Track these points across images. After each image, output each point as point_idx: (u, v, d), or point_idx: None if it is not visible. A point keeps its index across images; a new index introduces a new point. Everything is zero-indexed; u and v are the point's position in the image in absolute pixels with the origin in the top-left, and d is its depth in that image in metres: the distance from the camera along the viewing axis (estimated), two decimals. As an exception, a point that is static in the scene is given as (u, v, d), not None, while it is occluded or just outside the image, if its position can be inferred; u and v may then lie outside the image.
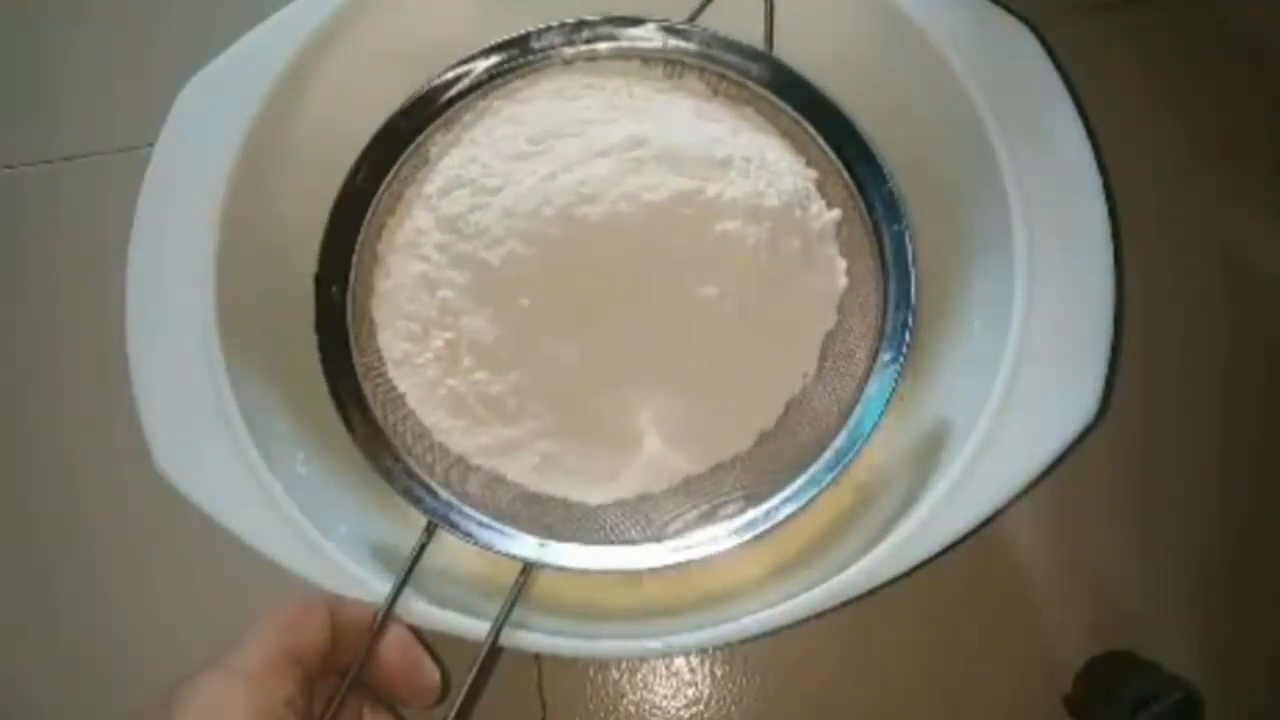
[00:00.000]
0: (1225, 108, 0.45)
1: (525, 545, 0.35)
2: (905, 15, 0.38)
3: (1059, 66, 0.38)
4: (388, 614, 0.34)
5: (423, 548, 0.35)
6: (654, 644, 0.35)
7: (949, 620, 0.41)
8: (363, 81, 0.40)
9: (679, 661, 0.41)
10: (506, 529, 0.36)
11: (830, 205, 0.38)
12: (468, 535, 0.35)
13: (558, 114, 0.38)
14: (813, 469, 0.36)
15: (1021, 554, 0.41)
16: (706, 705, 0.41)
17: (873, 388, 0.36)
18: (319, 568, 0.35)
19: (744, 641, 0.35)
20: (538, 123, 0.38)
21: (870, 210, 0.38)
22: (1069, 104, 0.37)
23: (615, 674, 0.41)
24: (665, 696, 0.41)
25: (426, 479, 0.36)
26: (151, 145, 0.38)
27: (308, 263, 0.37)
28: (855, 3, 0.39)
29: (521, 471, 0.37)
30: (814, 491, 0.35)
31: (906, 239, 0.37)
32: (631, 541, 0.36)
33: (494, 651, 0.34)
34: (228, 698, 0.30)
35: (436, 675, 0.34)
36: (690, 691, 0.41)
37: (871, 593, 0.35)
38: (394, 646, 0.34)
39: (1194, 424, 0.42)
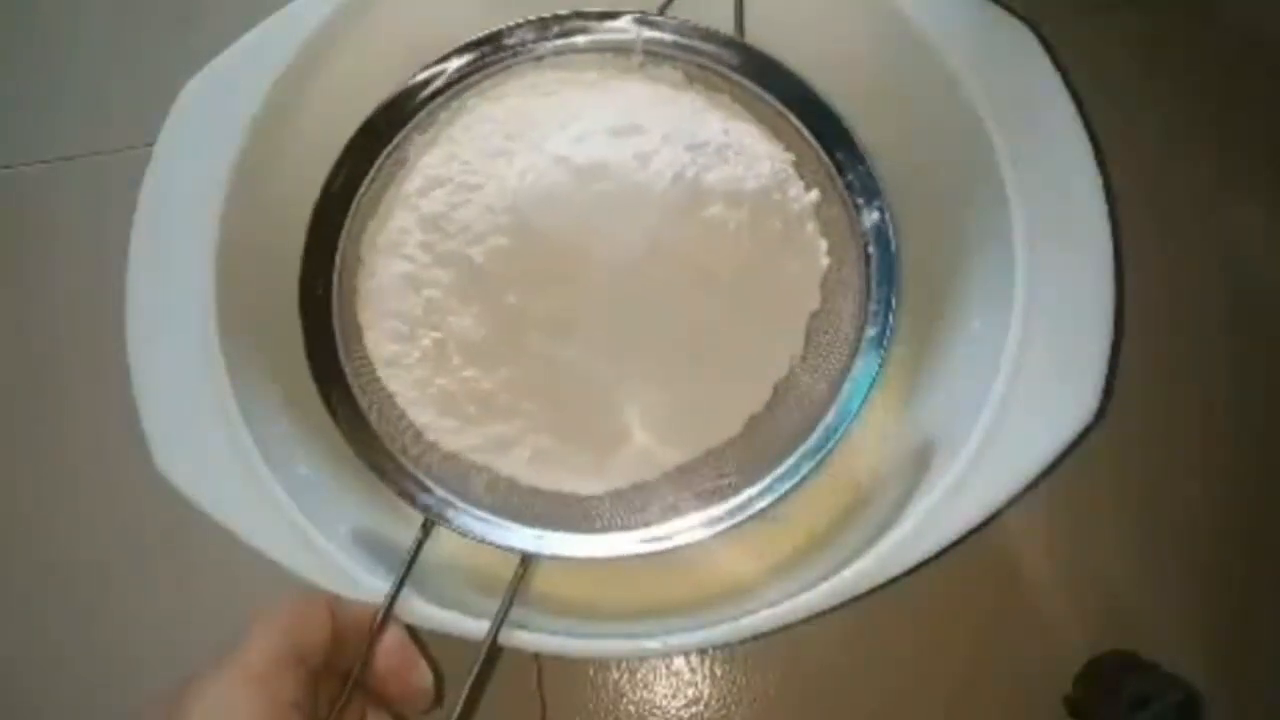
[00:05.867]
0: (1225, 107, 0.45)
1: (522, 537, 0.36)
2: (904, 15, 0.38)
3: (1059, 66, 0.38)
4: (388, 613, 0.34)
5: (420, 545, 0.35)
6: (653, 644, 0.35)
7: (949, 620, 0.41)
8: (364, 80, 0.40)
9: (679, 661, 0.41)
10: (503, 522, 0.36)
11: (809, 187, 0.38)
12: (465, 531, 0.36)
13: (534, 109, 0.38)
14: (803, 448, 0.36)
15: (1021, 554, 0.41)
16: (706, 705, 0.41)
17: (859, 365, 0.37)
18: (319, 568, 0.35)
19: (744, 641, 0.35)
20: (514, 118, 0.38)
21: (849, 190, 0.38)
22: (1069, 104, 0.37)
23: (615, 674, 0.41)
24: (665, 696, 0.41)
25: (421, 477, 0.36)
26: (151, 145, 0.38)
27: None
28: (855, 3, 0.39)
29: (515, 466, 0.37)
30: (806, 469, 0.36)
31: (886, 216, 0.37)
32: (627, 529, 0.36)
33: (494, 650, 0.34)
34: (233, 700, 0.30)
35: (430, 678, 0.34)
36: (690, 691, 0.41)
37: (871, 592, 0.35)
38: (389, 647, 0.34)
39: (1194, 423, 0.42)
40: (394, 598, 0.34)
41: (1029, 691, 0.40)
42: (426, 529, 0.35)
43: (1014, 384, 0.35)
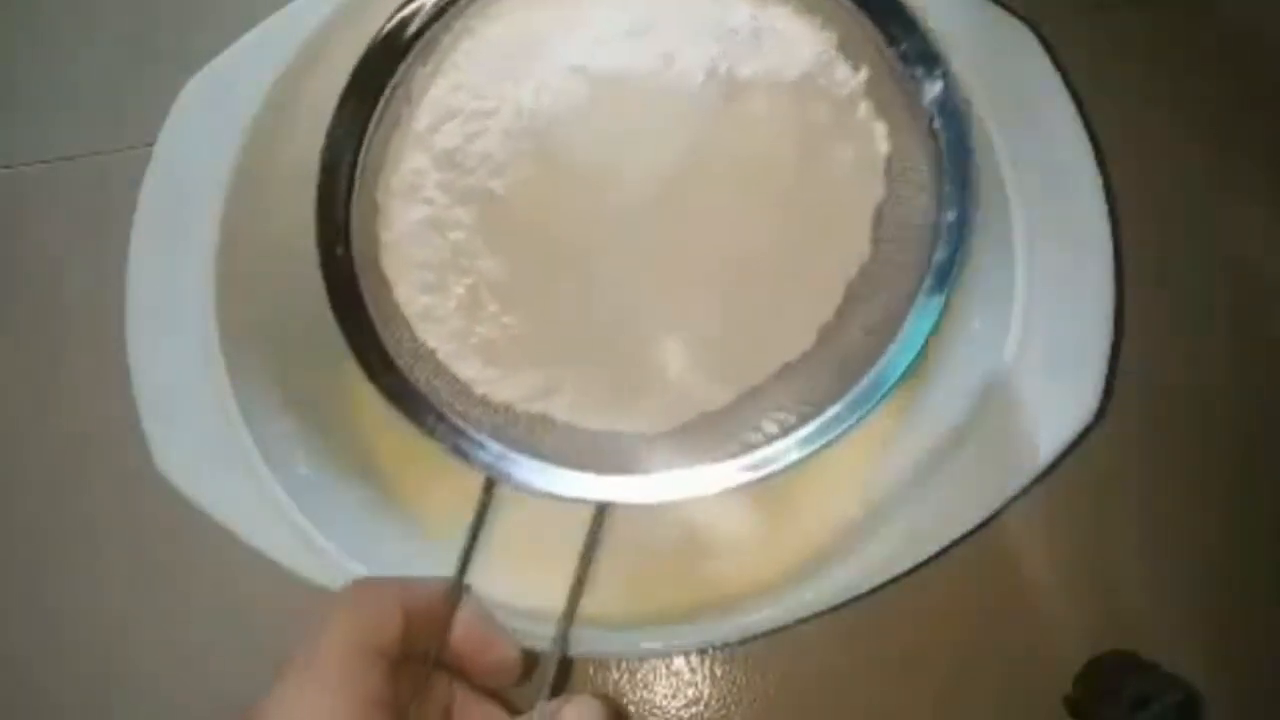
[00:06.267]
0: (1226, 107, 0.45)
1: (596, 485, 0.33)
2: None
3: (1059, 66, 0.38)
4: (458, 589, 0.33)
5: (484, 509, 0.34)
6: (654, 644, 0.35)
7: (949, 620, 0.41)
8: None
9: (679, 661, 0.41)
10: (572, 472, 0.34)
11: (857, 67, 0.35)
12: (530, 486, 0.33)
13: (540, 19, 0.36)
14: (885, 358, 0.33)
15: (1021, 554, 0.41)
16: (706, 705, 0.41)
17: (940, 253, 0.33)
18: (319, 568, 0.35)
19: (744, 641, 0.35)
20: (520, 33, 0.35)
21: (905, 62, 0.34)
22: (1069, 104, 0.37)
23: (615, 674, 0.41)
24: (665, 696, 0.41)
25: (475, 434, 0.34)
26: (151, 145, 0.38)
27: (309, 260, 0.37)
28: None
29: (573, 411, 0.35)
30: (893, 380, 0.33)
31: (950, 85, 0.34)
32: (703, 463, 0.34)
33: (568, 632, 0.33)
34: (318, 709, 0.28)
35: (514, 650, 0.33)
36: (690, 691, 0.41)
37: (872, 592, 0.35)
38: (465, 626, 0.32)
39: (1194, 423, 0.42)
40: (462, 573, 0.33)
41: (1029, 692, 0.40)
42: (489, 489, 0.34)
43: (1014, 384, 0.35)
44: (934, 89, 0.34)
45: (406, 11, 0.36)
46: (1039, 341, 0.35)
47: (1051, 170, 0.37)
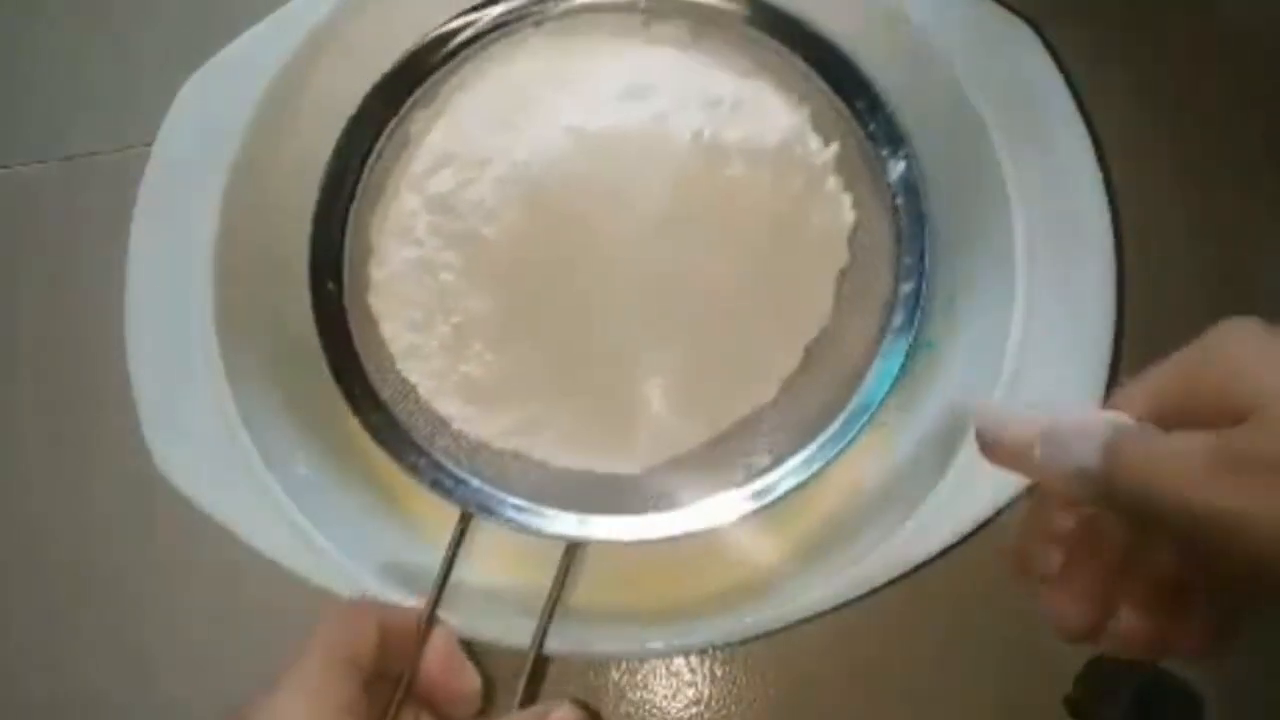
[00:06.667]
0: (1226, 107, 0.45)
1: (564, 524, 0.35)
2: (904, 15, 0.38)
3: (1060, 66, 0.37)
4: (432, 616, 0.34)
5: (459, 541, 0.35)
6: (654, 644, 0.35)
7: (949, 620, 0.41)
8: (364, 80, 0.40)
9: (679, 661, 0.41)
10: (544, 510, 0.35)
11: (828, 141, 0.37)
12: (506, 521, 0.35)
13: (539, 77, 0.38)
14: (844, 413, 0.35)
15: (1022, 554, 0.41)
16: (706, 705, 0.41)
17: (897, 320, 0.36)
18: (319, 567, 0.35)
19: (744, 641, 0.35)
20: (520, 88, 0.37)
21: (872, 140, 0.37)
22: (1070, 103, 0.37)
23: (615, 674, 0.41)
24: (665, 697, 0.41)
25: (454, 470, 0.36)
26: (151, 145, 0.38)
27: (307, 261, 0.37)
28: (855, 3, 0.39)
29: (547, 449, 0.37)
30: (851, 434, 0.35)
31: (914, 166, 0.36)
32: (671, 507, 0.35)
33: (541, 654, 0.34)
34: (283, 708, 0.30)
35: (477, 681, 0.34)
36: (690, 691, 0.41)
37: (872, 593, 0.35)
38: (436, 653, 0.33)
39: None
40: (436, 601, 0.34)
41: (1029, 691, 0.40)
42: (465, 522, 0.35)
43: (1014, 385, 0.35)
44: (898, 168, 0.37)
45: (408, 56, 0.37)
46: (1040, 341, 0.36)
47: (1051, 170, 0.37)
